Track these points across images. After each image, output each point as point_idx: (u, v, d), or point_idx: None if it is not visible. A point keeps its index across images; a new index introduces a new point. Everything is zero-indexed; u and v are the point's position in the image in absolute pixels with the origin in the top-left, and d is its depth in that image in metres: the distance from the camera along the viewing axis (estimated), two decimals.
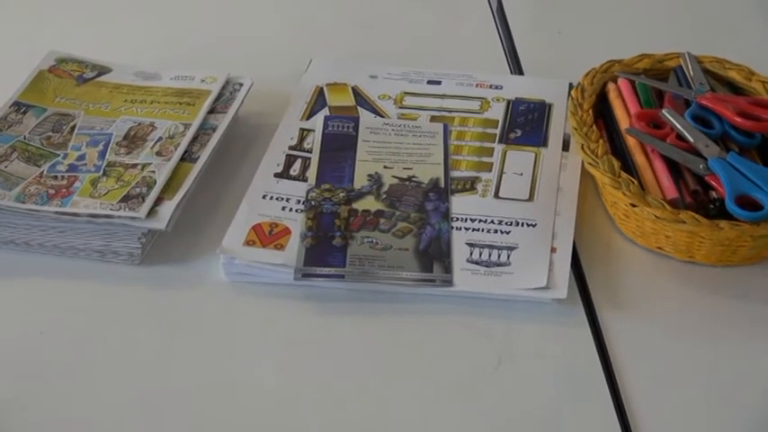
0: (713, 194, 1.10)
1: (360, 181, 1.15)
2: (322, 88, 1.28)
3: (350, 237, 1.08)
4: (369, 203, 1.13)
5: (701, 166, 1.11)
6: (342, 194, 1.13)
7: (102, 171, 1.13)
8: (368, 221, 1.10)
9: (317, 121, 1.23)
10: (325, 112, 1.25)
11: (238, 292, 1.06)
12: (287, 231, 1.09)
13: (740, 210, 1.05)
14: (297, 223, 1.10)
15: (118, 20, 1.47)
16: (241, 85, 1.25)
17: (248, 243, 1.07)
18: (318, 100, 1.27)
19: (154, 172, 1.12)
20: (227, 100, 1.23)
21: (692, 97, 1.18)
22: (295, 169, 1.17)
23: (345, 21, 1.47)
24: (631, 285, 1.08)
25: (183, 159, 1.14)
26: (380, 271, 1.05)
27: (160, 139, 1.17)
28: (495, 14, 1.47)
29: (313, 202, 1.12)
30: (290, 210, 1.12)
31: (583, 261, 1.10)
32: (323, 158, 1.18)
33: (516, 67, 1.38)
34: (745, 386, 0.99)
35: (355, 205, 1.12)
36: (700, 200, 1.10)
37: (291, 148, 1.20)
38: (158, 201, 1.09)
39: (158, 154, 1.15)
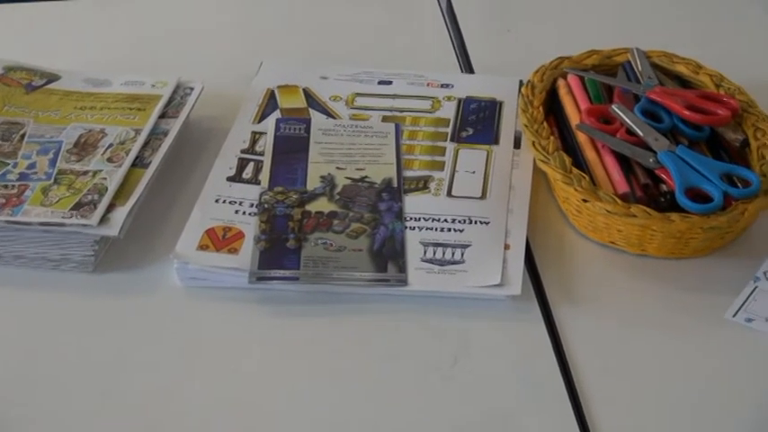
0: (664, 188, 1.11)
1: (312, 183, 1.15)
2: (273, 91, 1.28)
3: (303, 239, 1.08)
4: (322, 205, 1.13)
5: (651, 160, 1.12)
6: (295, 197, 1.13)
7: (53, 179, 1.12)
8: (321, 223, 1.10)
9: (269, 124, 1.22)
10: (276, 114, 1.25)
11: (193, 296, 1.06)
12: (240, 235, 1.09)
13: (690, 202, 1.06)
14: (250, 226, 1.10)
15: (67, 27, 1.46)
16: (192, 89, 1.24)
17: (202, 247, 1.07)
18: (270, 102, 1.26)
19: (105, 179, 1.11)
20: (178, 104, 1.22)
21: (641, 92, 1.19)
22: (248, 172, 1.17)
23: (295, 22, 1.47)
24: (585, 280, 1.09)
25: (134, 165, 1.14)
26: (335, 272, 1.05)
27: (111, 145, 1.16)
28: (445, 14, 1.48)
29: (266, 205, 1.12)
30: (244, 213, 1.11)
31: (536, 257, 1.11)
32: (275, 161, 1.18)
33: (467, 66, 1.38)
34: (697, 376, 1.00)
35: (308, 207, 1.12)
36: (650, 193, 1.11)
37: (244, 151, 1.19)
38: (110, 207, 1.08)
39: (109, 160, 1.14)
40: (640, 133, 1.14)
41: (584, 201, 1.08)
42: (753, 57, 1.39)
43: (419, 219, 1.11)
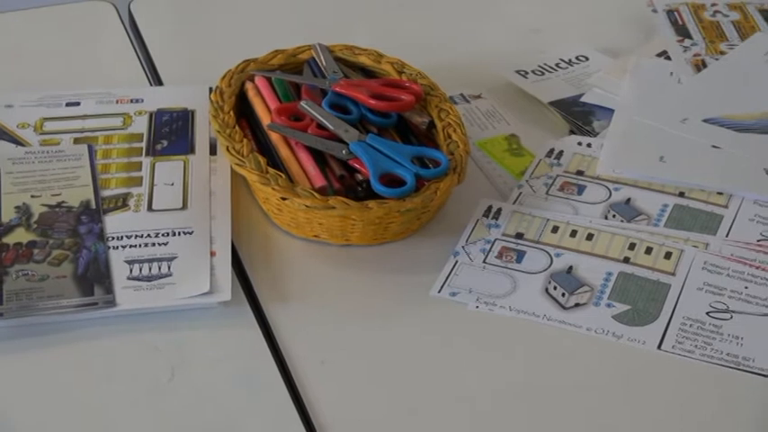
0: (359, 177, 1.13)
1: (7, 214, 1.12)
2: None
3: (4, 273, 1.05)
4: (20, 236, 1.10)
5: (343, 152, 1.14)
6: None
7: None
8: (21, 254, 1.08)
9: None
10: None
11: None
12: None
13: (385, 188, 1.09)
14: None
15: None
16: None
17: None
18: None
19: None
20: None
21: (327, 86, 1.22)
22: None
23: None
24: (293, 276, 1.11)
25: None
26: (40, 302, 1.03)
27: None
28: (128, 27, 1.46)
29: None
30: None
31: (244, 261, 1.11)
32: None
33: (155, 78, 1.37)
34: (412, 353, 1.04)
35: (5, 240, 1.09)
36: (347, 184, 1.13)
37: None
38: None
39: None
40: (330, 127, 1.16)
41: (284, 199, 1.10)
42: (430, 41, 1.43)
43: (122, 237, 1.10)
